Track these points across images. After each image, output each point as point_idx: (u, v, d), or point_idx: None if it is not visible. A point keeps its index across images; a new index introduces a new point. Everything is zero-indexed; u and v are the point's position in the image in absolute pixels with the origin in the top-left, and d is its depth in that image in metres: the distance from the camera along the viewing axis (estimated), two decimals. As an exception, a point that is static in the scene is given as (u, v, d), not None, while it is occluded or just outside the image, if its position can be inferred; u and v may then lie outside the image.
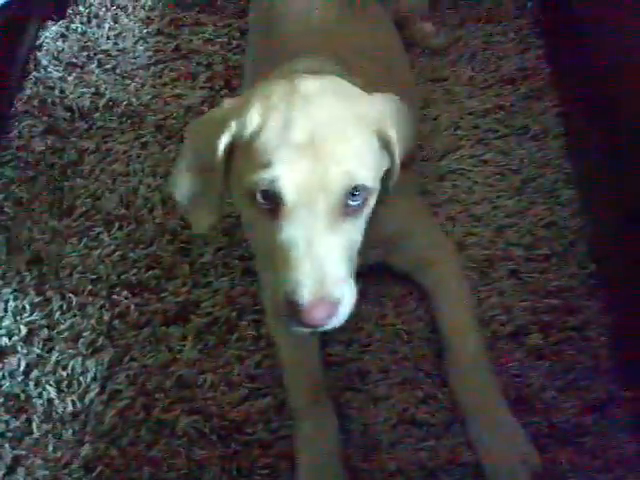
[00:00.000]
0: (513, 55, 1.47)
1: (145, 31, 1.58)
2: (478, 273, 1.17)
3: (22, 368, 1.10)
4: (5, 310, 1.16)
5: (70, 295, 1.17)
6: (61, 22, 1.60)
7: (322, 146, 0.81)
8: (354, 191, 0.83)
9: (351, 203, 0.84)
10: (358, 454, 1.02)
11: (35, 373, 1.09)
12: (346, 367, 1.09)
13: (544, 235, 1.21)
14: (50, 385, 1.08)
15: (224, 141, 0.85)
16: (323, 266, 0.81)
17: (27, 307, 1.16)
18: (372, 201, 0.88)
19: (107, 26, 1.59)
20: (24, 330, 1.14)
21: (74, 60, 1.54)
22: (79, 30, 1.59)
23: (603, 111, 1.26)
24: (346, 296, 0.84)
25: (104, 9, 1.62)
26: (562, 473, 0.98)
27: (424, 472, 1.00)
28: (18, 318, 1.15)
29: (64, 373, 1.09)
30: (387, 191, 0.93)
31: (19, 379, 1.09)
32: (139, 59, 1.52)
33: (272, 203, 0.82)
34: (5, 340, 1.13)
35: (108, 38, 1.57)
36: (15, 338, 1.13)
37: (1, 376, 1.10)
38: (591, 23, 1.37)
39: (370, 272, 1.07)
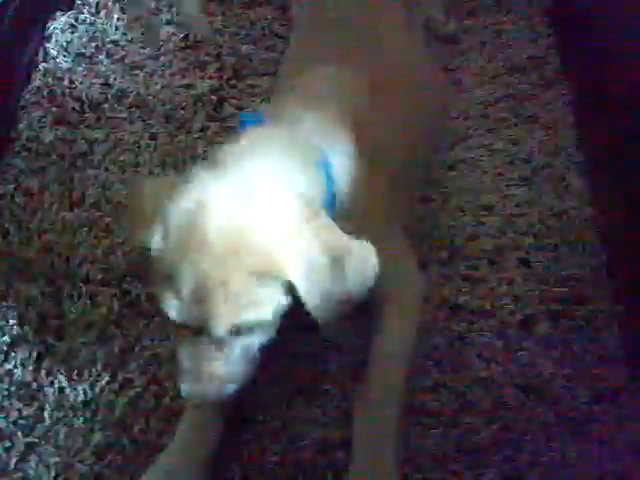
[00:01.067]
0: (523, 44, 1.47)
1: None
2: (487, 262, 1.17)
3: (33, 357, 1.11)
4: (16, 300, 1.16)
5: (81, 284, 1.17)
6: (70, 13, 1.60)
7: (206, 289, 0.80)
8: (237, 329, 0.84)
9: (238, 333, 0.85)
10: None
11: (46, 362, 1.10)
12: (353, 355, 1.09)
13: (554, 224, 1.21)
14: (61, 374, 1.09)
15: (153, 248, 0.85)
16: (203, 376, 0.86)
17: (38, 296, 1.16)
18: (267, 329, 0.87)
19: (116, 16, 1.59)
20: (35, 319, 1.14)
21: (83, 51, 1.54)
22: (88, 21, 1.59)
23: (613, 100, 1.25)
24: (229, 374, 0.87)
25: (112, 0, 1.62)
26: (571, 462, 0.98)
27: (433, 460, 1.01)
28: (29, 307, 1.15)
29: (75, 362, 1.10)
30: None
31: (30, 368, 1.10)
32: (148, 49, 1.52)
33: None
34: (17, 329, 1.14)
35: (117, 29, 1.57)
36: (26, 327, 1.13)
37: (13, 365, 1.10)
38: (601, 12, 1.36)
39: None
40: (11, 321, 1.14)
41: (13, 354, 1.11)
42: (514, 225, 1.21)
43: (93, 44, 1.55)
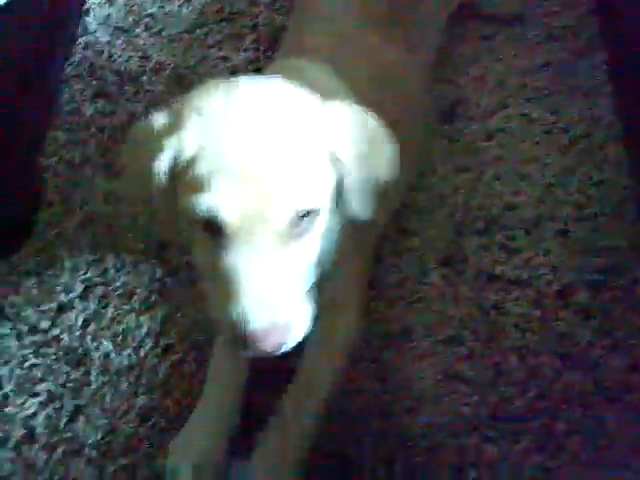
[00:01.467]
0: (562, 11, 1.44)
1: (190, -7, 1.58)
2: (524, 232, 1.17)
3: (80, 323, 1.14)
4: (62, 268, 1.20)
5: (123, 254, 1.20)
6: (108, -14, 1.62)
7: (261, 170, 0.76)
8: (299, 216, 0.78)
9: (298, 225, 0.79)
10: (402, 408, 1.03)
11: (92, 328, 1.14)
12: (389, 325, 1.11)
13: (592, 194, 1.19)
14: (106, 339, 1.13)
15: (161, 165, 0.80)
16: (270, 293, 0.77)
17: (82, 265, 1.20)
18: (324, 219, 0.83)
19: (152, -11, 1.60)
20: (80, 287, 1.18)
21: (121, 24, 1.55)
22: (125, -6, 1.60)
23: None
24: (299, 319, 0.80)
25: (149, -27, 1.63)
26: (608, 431, 0.99)
27: (468, 428, 1.02)
28: (74, 276, 1.19)
29: (119, 328, 1.13)
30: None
31: (77, 334, 1.14)
32: (185, 22, 1.53)
33: (214, 230, 0.78)
34: (63, 296, 1.17)
35: (154, 2, 1.58)
36: (72, 295, 1.17)
37: (60, 331, 1.14)
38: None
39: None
40: (57, 288, 1.18)
41: (60, 320, 1.15)
42: (552, 195, 1.20)
43: (131, 18, 1.56)
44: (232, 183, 0.75)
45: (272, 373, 1.02)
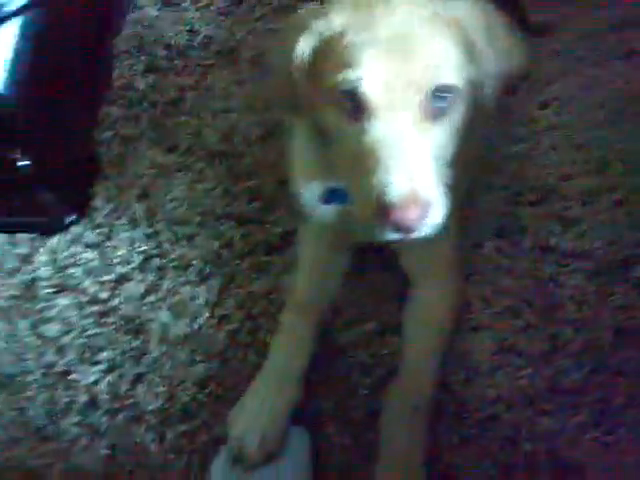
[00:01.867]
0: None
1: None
2: (581, 203, 1.15)
3: (138, 294, 1.17)
4: (120, 240, 1.23)
5: (179, 227, 1.22)
6: (156, -38, 1.62)
7: (406, 44, 0.79)
8: (440, 92, 0.80)
9: (438, 104, 0.81)
10: (457, 380, 1.04)
11: (150, 298, 1.16)
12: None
13: (653, 163, 1.17)
14: (164, 310, 1.15)
15: (306, 42, 0.84)
16: (413, 165, 0.79)
17: (140, 238, 1.22)
18: (460, 108, 0.84)
19: (200, -37, 1.59)
20: (138, 259, 1.20)
21: (170, -1, 1.56)
22: (173, -31, 1.60)
23: None
24: (437, 201, 0.81)
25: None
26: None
27: (524, 399, 1.02)
28: (132, 248, 1.21)
29: (176, 299, 1.16)
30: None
31: (136, 304, 1.16)
32: (232, -4, 1.52)
33: (356, 105, 0.81)
34: (121, 268, 1.20)
35: (201, -24, 1.58)
36: (131, 266, 1.20)
37: (119, 301, 1.17)
38: None
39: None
40: (115, 260, 1.21)
41: (119, 291, 1.18)
42: (610, 164, 1.17)
43: (179, -8, 1.56)
44: (378, 54, 0.79)
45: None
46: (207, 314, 1.14)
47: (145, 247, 1.21)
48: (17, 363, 1.14)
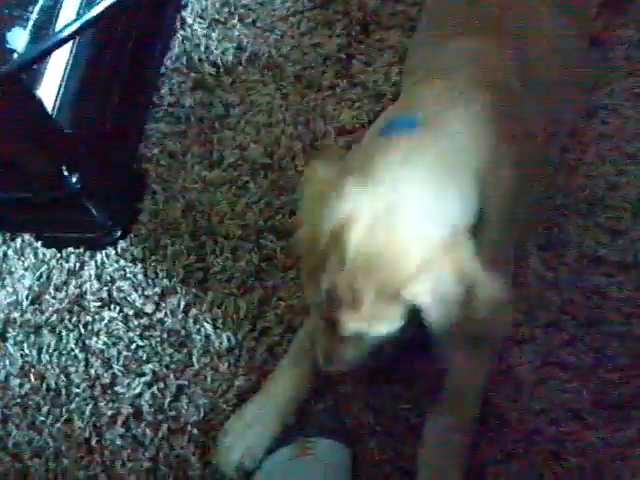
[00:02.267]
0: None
1: (281, -17, 1.60)
2: (630, 214, 1.12)
3: (182, 307, 1.19)
4: (164, 255, 1.25)
5: (222, 240, 1.24)
6: (204, -19, 1.66)
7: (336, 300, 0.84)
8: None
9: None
10: (501, 394, 1.02)
11: (193, 311, 1.18)
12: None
13: None
14: (207, 322, 1.17)
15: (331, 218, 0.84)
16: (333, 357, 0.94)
17: (184, 251, 1.24)
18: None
19: (246, -18, 1.62)
20: (182, 272, 1.22)
21: (217, 16, 1.58)
22: (220, -13, 1.64)
23: None
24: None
25: (243, -34, 1.66)
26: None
27: (569, 414, 1.00)
28: (176, 262, 1.24)
29: (219, 311, 1.17)
30: None
31: (179, 317, 1.18)
32: (277, 11, 1.54)
33: None
34: (166, 281, 1.22)
35: (247, -8, 1.61)
36: (174, 280, 1.22)
37: (163, 314, 1.19)
38: None
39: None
40: (160, 274, 1.23)
41: (163, 304, 1.20)
42: (660, 173, 1.14)
43: (226, 9, 1.58)
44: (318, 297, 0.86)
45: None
46: (249, 326, 1.15)
47: (189, 260, 1.23)
48: (63, 375, 1.17)
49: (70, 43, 1.30)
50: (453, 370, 1.01)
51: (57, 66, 1.29)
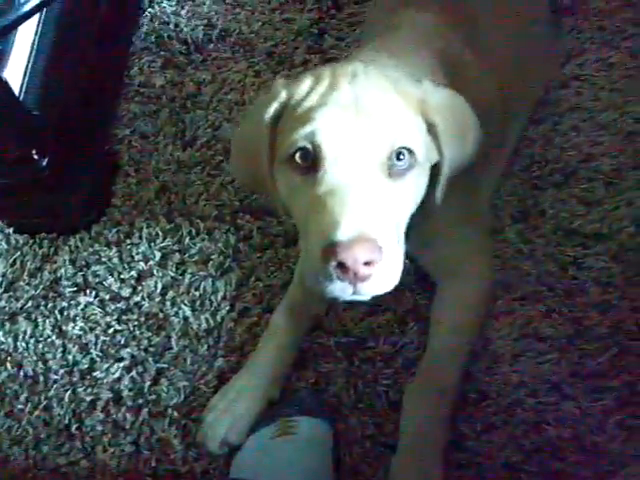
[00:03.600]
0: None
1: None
2: (603, 184, 1.12)
3: (159, 290, 1.18)
4: (140, 237, 1.24)
5: (197, 221, 1.23)
6: (170, -44, 1.62)
7: (366, 108, 0.81)
8: (398, 153, 0.81)
9: (396, 163, 0.81)
10: (480, 367, 1.03)
11: (171, 294, 1.17)
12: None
13: (677, 141, 1.13)
14: (185, 304, 1.16)
15: (272, 108, 0.86)
16: (365, 211, 0.76)
17: (159, 234, 1.23)
18: (417, 176, 0.84)
19: (214, -43, 1.59)
20: (158, 255, 1.21)
21: (185, -7, 1.56)
22: (188, -37, 1.60)
23: None
24: (391, 257, 0.77)
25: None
26: None
27: (547, 385, 1.00)
28: (152, 244, 1.22)
29: (197, 293, 1.17)
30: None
31: (157, 300, 1.17)
32: (247, -13, 1.52)
33: (311, 159, 0.81)
34: (142, 264, 1.21)
35: (216, -31, 1.57)
36: (151, 262, 1.21)
37: (141, 297, 1.18)
38: None
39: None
40: (136, 257, 1.22)
41: (140, 288, 1.19)
42: (633, 143, 1.14)
43: (195, -14, 1.56)
44: (335, 111, 0.81)
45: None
46: (227, 308, 1.14)
47: (165, 243, 1.22)
48: (40, 362, 1.16)
49: (35, 24, 1.28)
50: (439, 303, 1.04)
51: (23, 47, 1.26)
